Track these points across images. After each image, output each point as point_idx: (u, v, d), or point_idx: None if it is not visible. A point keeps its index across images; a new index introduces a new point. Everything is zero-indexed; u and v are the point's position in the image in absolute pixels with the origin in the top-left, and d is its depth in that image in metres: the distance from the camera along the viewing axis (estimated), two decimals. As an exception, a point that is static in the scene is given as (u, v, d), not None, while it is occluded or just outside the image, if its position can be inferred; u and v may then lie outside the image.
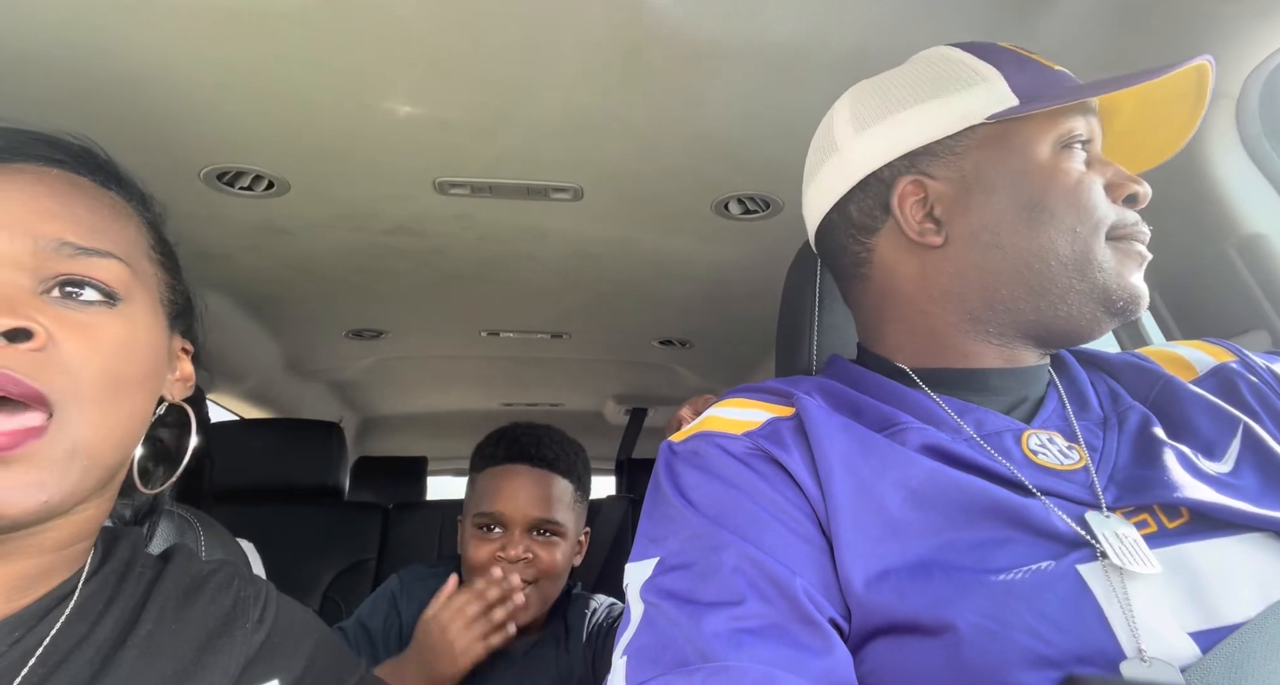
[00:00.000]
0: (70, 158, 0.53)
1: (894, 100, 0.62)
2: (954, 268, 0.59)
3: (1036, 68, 0.60)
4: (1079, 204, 0.56)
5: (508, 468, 1.11)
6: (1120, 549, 0.45)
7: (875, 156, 0.62)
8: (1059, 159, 0.57)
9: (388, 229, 1.39)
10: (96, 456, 0.47)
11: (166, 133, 1.05)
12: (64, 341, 0.45)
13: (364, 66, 0.93)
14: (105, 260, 0.49)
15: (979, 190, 0.58)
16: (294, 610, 0.62)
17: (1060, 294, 0.56)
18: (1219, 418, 0.55)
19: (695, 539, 0.50)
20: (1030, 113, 0.57)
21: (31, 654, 0.46)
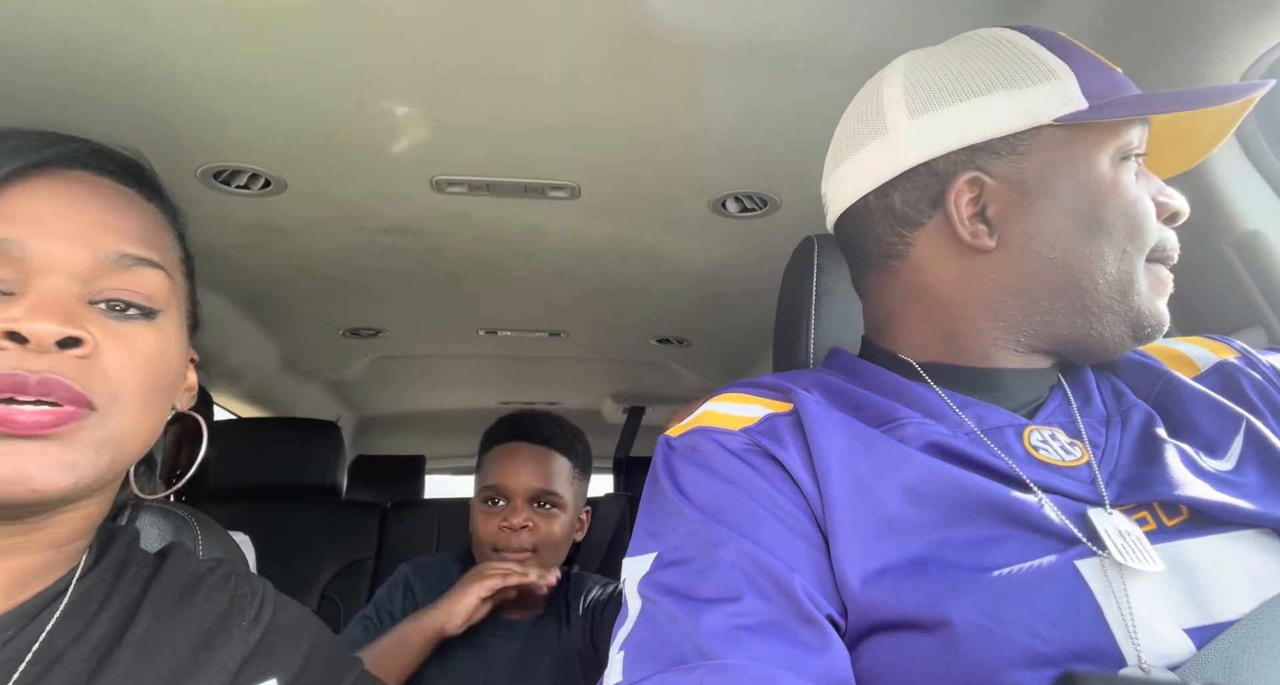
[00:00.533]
0: (120, 169, 0.55)
1: (957, 86, 0.57)
2: (999, 274, 0.56)
3: (1103, 68, 0.57)
4: (1134, 222, 0.54)
5: (510, 445, 1.20)
6: (1124, 546, 0.45)
7: (931, 146, 0.57)
8: (1119, 172, 0.55)
9: (385, 228, 1.39)
10: (124, 452, 0.50)
11: (162, 131, 1.05)
12: (107, 350, 0.48)
13: (361, 65, 0.93)
14: (153, 271, 0.52)
15: (1039, 195, 0.55)
16: (291, 609, 0.62)
17: (1099, 313, 0.55)
18: (1221, 415, 0.54)
19: (693, 535, 0.50)
20: (1099, 120, 0.54)
21: (26, 652, 0.47)
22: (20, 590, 0.49)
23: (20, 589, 0.49)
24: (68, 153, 0.52)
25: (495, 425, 1.27)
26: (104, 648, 0.49)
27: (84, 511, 0.51)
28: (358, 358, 2.25)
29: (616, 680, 0.45)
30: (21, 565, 0.49)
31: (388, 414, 2.95)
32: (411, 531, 1.89)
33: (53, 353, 0.45)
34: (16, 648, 0.47)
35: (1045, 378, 0.59)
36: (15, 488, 0.44)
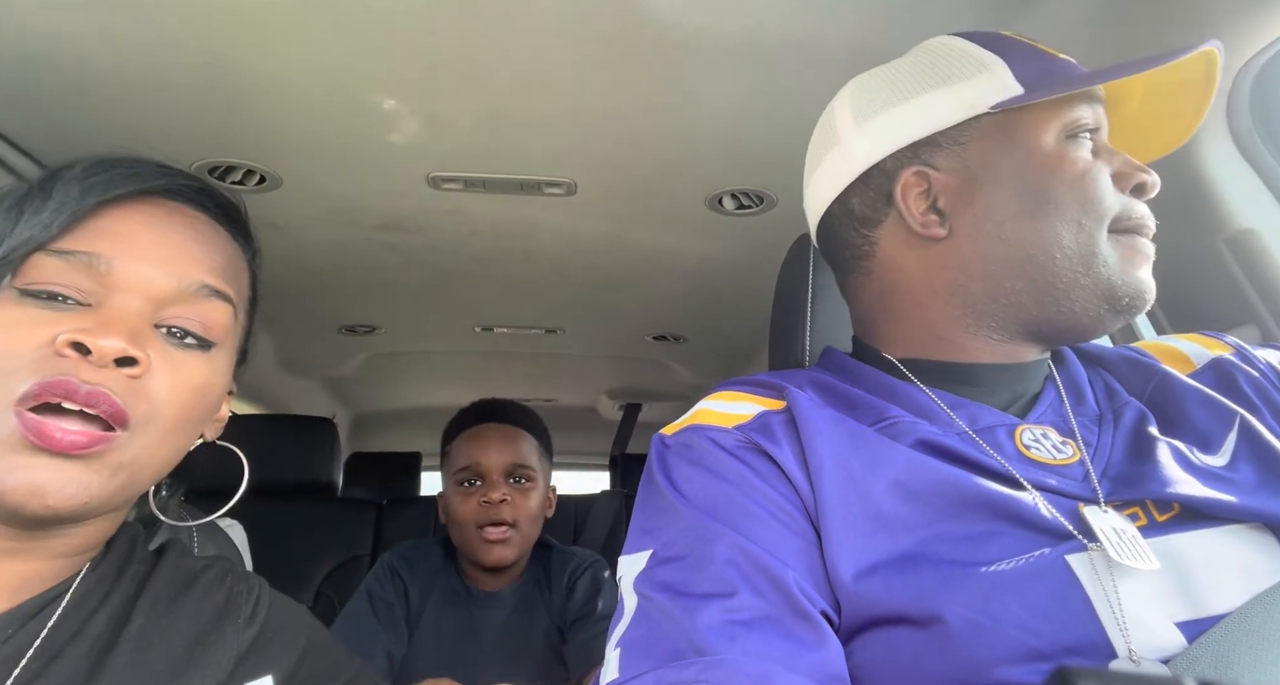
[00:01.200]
0: (217, 208, 0.58)
1: (896, 91, 0.61)
2: (957, 260, 0.58)
3: (1042, 56, 0.59)
4: (1084, 194, 0.55)
5: (479, 427, 1.27)
6: (1119, 544, 0.45)
7: (877, 148, 0.61)
8: (1065, 148, 0.56)
9: (380, 224, 1.39)
10: (139, 476, 0.50)
11: (156, 126, 1.04)
12: (158, 374, 0.50)
13: (357, 61, 0.92)
14: (225, 305, 0.55)
15: (984, 181, 0.57)
16: (287, 607, 0.62)
17: (1065, 289, 0.55)
18: (1216, 411, 0.54)
19: (688, 531, 0.50)
20: (1035, 101, 0.55)
21: (26, 650, 0.47)
22: (23, 591, 0.49)
23: (23, 590, 0.49)
24: (174, 186, 0.55)
25: (459, 415, 1.32)
26: (101, 644, 0.50)
27: (95, 526, 0.52)
28: (353, 354, 2.25)
29: (613, 677, 0.45)
30: (27, 569, 0.50)
31: (383, 411, 2.95)
32: (407, 528, 1.89)
33: (109, 368, 0.47)
34: (16, 646, 0.47)
35: (1031, 371, 0.60)
36: (31, 500, 0.45)
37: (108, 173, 0.52)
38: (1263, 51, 0.79)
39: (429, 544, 1.32)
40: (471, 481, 1.22)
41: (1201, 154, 0.85)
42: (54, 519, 0.47)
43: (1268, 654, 0.39)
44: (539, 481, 1.27)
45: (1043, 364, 0.61)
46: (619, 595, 0.51)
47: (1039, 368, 0.60)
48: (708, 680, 0.40)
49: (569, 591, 1.26)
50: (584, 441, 3.09)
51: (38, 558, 0.50)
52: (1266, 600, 0.43)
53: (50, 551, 0.50)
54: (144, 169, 0.54)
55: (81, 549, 0.52)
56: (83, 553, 0.53)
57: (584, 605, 1.24)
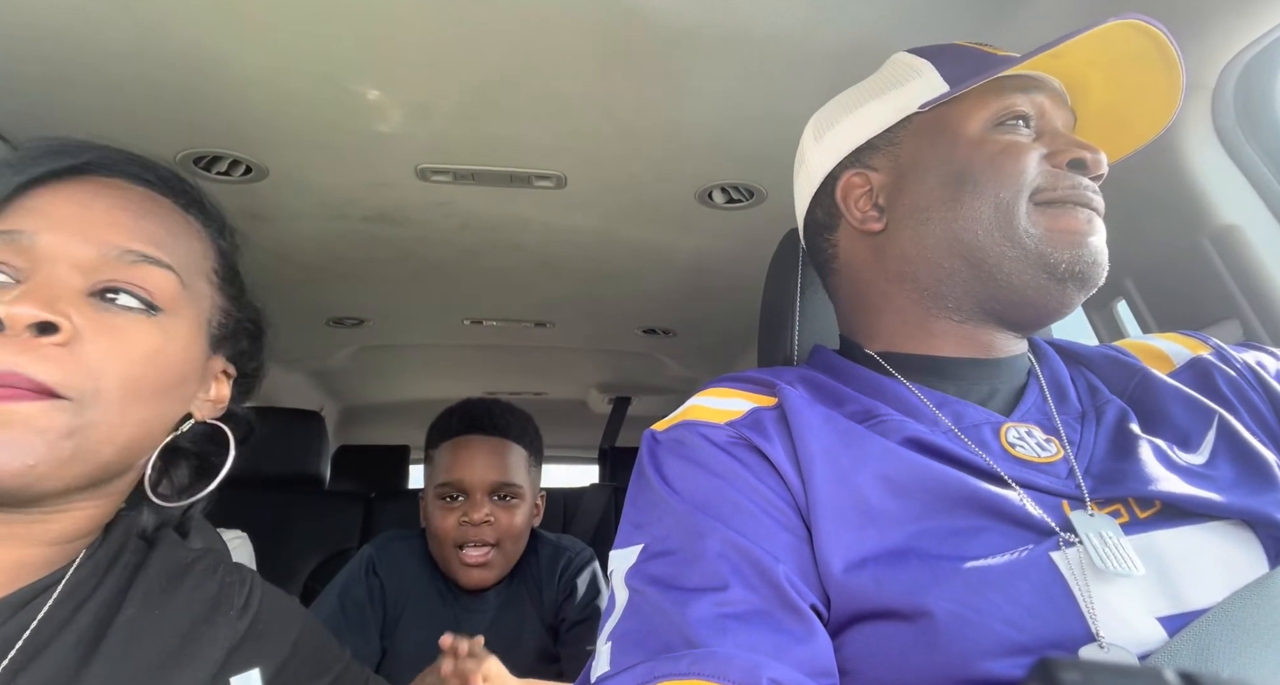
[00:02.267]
0: (158, 180, 0.57)
1: (844, 107, 0.67)
2: (899, 249, 0.62)
3: (976, 56, 0.61)
4: (1001, 170, 0.57)
5: (464, 438, 1.17)
6: (1104, 551, 0.46)
7: (829, 159, 0.67)
8: (991, 134, 0.59)
9: (368, 216, 1.38)
10: (93, 445, 0.48)
11: (142, 116, 1.03)
12: (91, 341, 0.48)
13: (345, 51, 0.92)
14: (159, 269, 0.52)
15: (912, 173, 0.61)
16: (279, 598, 0.62)
17: (996, 261, 0.56)
18: (1195, 410, 0.55)
19: (679, 526, 0.50)
20: (961, 94, 0.59)
21: (16, 639, 0.47)
22: (16, 580, 0.49)
23: (16, 579, 0.49)
24: (103, 160, 0.54)
25: (444, 417, 1.23)
26: (91, 635, 0.50)
27: (84, 511, 0.51)
28: (341, 347, 2.24)
29: (604, 670, 0.45)
30: (19, 556, 0.49)
31: (372, 404, 2.94)
32: (396, 521, 1.89)
33: (25, 338, 0.45)
34: (6, 635, 0.47)
35: (1006, 366, 0.61)
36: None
37: (34, 154, 0.52)
38: (1246, 49, 0.80)
39: (412, 538, 1.24)
40: (453, 496, 1.15)
41: (1186, 151, 0.86)
42: (5, 491, 0.46)
43: (1247, 647, 0.40)
44: (526, 496, 1.19)
45: (1020, 359, 0.62)
46: (610, 589, 0.52)
47: (1016, 362, 0.62)
48: (699, 672, 0.41)
49: (566, 590, 1.21)
50: (573, 435, 3.09)
51: (26, 544, 0.49)
52: (1247, 595, 0.43)
53: (38, 538, 0.49)
54: (71, 148, 0.53)
55: (71, 536, 0.51)
56: (74, 540, 0.52)
57: (584, 609, 1.19)
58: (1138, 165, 0.90)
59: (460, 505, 1.14)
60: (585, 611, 1.19)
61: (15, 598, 0.48)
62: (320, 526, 1.82)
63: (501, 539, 1.14)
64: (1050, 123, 0.60)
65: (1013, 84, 0.60)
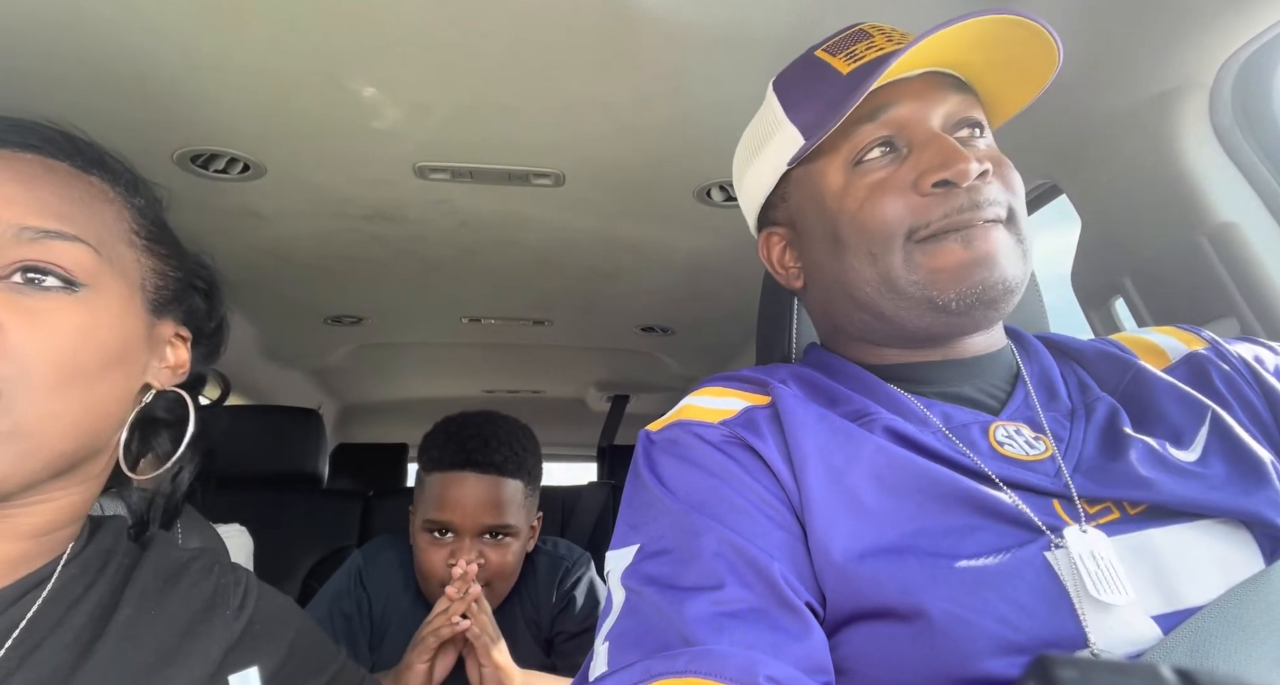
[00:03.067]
0: (46, 143, 0.52)
1: (742, 160, 0.68)
2: (818, 303, 0.65)
3: (825, 84, 0.58)
4: (865, 226, 0.56)
5: (456, 475, 1.09)
6: (1096, 574, 0.45)
7: (751, 218, 0.70)
8: (851, 180, 0.57)
9: (367, 214, 1.38)
10: (40, 441, 0.46)
11: (139, 113, 1.03)
12: (13, 328, 0.45)
13: (343, 48, 0.91)
14: (67, 243, 0.48)
15: (803, 234, 0.63)
16: (275, 598, 0.62)
17: (892, 311, 0.57)
18: (1188, 406, 0.55)
19: (675, 525, 0.50)
20: (816, 144, 0.57)
21: (6, 638, 0.46)
22: (3, 567, 0.48)
23: (3, 567, 0.48)
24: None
25: (438, 443, 1.13)
26: (86, 635, 0.49)
27: (59, 501, 0.50)
28: (339, 345, 2.24)
29: (602, 670, 0.45)
30: (2, 552, 0.48)
31: (370, 402, 2.94)
32: (394, 519, 1.89)
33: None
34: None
35: (983, 364, 0.60)
36: None
37: None
38: (1244, 47, 0.80)
39: (403, 548, 1.19)
40: (442, 532, 1.09)
41: (1184, 149, 0.86)
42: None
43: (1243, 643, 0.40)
44: (520, 533, 1.12)
45: (999, 354, 0.61)
46: (607, 590, 0.52)
47: (996, 358, 0.61)
48: (696, 670, 0.41)
49: (563, 602, 1.17)
50: (572, 433, 3.09)
51: (5, 540, 0.48)
52: (1242, 592, 0.43)
53: (16, 532, 0.48)
54: None
55: (52, 527, 0.50)
56: (55, 531, 0.50)
57: (583, 622, 1.16)
58: (1135, 163, 0.91)
59: (448, 544, 1.08)
60: (585, 623, 1.16)
61: (3, 594, 0.48)
62: (318, 525, 1.82)
63: (492, 579, 1.09)
64: (917, 132, 0.56)
65: (862, 111, 0.56)
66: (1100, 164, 0.94)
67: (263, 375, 2.29)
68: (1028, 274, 0.56)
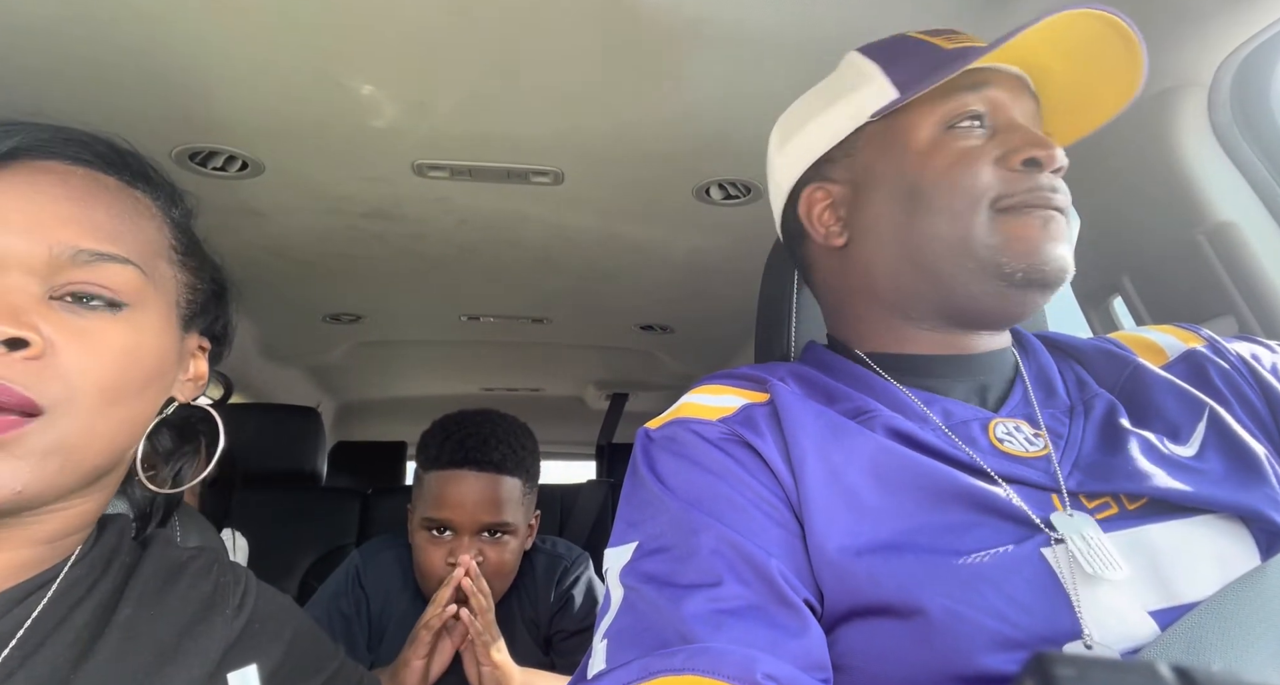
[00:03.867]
0: (96, 157, 0.53)
1: (802, 114, 0.66)
2: (860, 264, 0.62)
3: (926, 55, 0.60)
4: (954, 183, 0.56)
5: (454, 474, 1.09)
6: (1087, 552, 0.46)
7: (793, 170, 0.66)
8: (942, 141, 0.58)
9: (365, 212, 1.38)
10: (78, 456, 0.47)
11: (137, 110, 1.03)
12: (64, 349, 0.46)
13: (341, 45, 0.91)
14: (118, 266, 0.49)
15: (868, 187, 0.61)
16: (274, 597, 0.62)
17: (953, 274, 0.56)
18: (1186, 402, 0.55)
19: (673, 523, 0.50)
20: (911, 99, 0.57)
21: (10, 637, 0.46)
22: (9, 579, 0.49)
23: (10, 578, 0.49)
24: (35, 142, 0.50)
25: (436, 441, 1.13)
26: (88, 634, 0.49)
27: (74, 509, 0.50)
28: (338, 343, 2.23)
29: (600, 667, 0.45)
30: (12, 558, 0.48)
31: (369, 400, 2.93)
32: (392, 517, 1.89)
33: (3, 356, 0.43)
34: (1, 632, 0.46)
35: (987, 362, 0.61)
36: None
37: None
38: (1243, 46, 0.80)
39: (400, 547, 1.20)
40: (440, 530, 1.09)
41: (1182, 148, 0.86)
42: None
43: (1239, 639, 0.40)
44: (519, 530, 1.13)
45: (1003, 353, 0.62)
46: (605, 587, 0.52)
47: (1000, 357, 0.61)
48: (694, 667, 0.41)
49: (561, 601, 1.18)
50: (570, 431, 3.09)
51: (19, 546, 0.48)
52: (1238, 588, 0.44)
53: (26, 540, 0.49)
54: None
55: (61, 534, 0.51)
56: (64, 538, 0.51)
57: (582, 620, 1.17)
58: (1134, 162, 0.91)
59: (447, 542, 1.08)
60: (583, 622, 1.17)
61: (9, 595, 0.48)
62: (317, 523, 1.82)
63: (490, 577, 1.08)
64: (1005, 116, 0.58)
65: (963, 81, 0.58)
66: (1099, 163, 0.94)
67: (261, 373, 2.28)
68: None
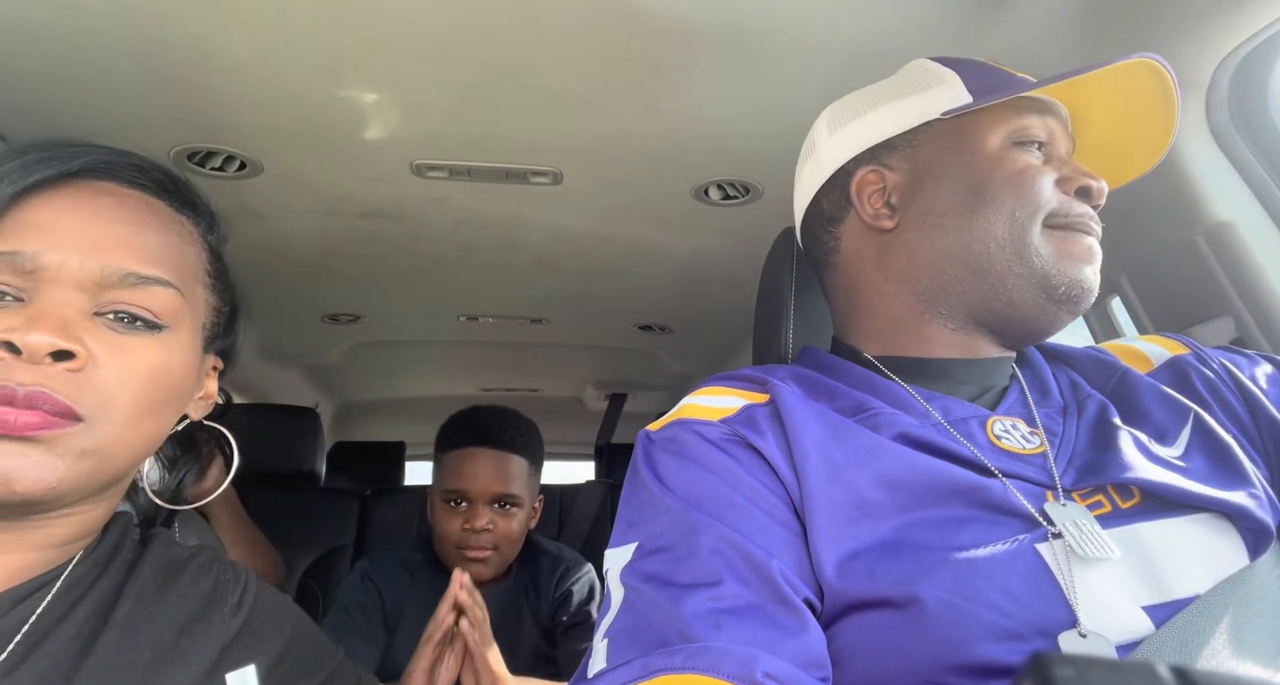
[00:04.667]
0: (152, 182, 0.56)
1: (864, 104, 0.68)
2: (905, 250, 0.63)
3: (999, 74, 0.63)
4: (1020, 189, 0.58)
5: (470, 450, 1.26)
6: (1080, 537, 0.47)
7: (843, 152, 0.68)
8: (1010, 152, 0.60)
9: (364, 212, 1.38)
10: (108, 462, 0.50)
11: (135, 110, 1.02)
12: (104, 363, 0.49)
13: (339, 45, 0.91)
14: (161, 288, 0.52)
15: (929, 177, 0.63)
16: (272, 596, 0.62)
17: (1000, 276, 0.58)
18: (1172, 406, 0.57)
19: (673, 523, 0.51)
20: (982, 107, 0.60)
21: (14, 634, 0.47)
22: (13, 580, 0.50)
23: (13, 579, 0.50)
24: (97, 163, 0.53)
25: (453, 426, 1.32)
26: (88, 630, 0.50)
27: (86, 514, 0.52)
28: (337, 343, 2.23)
29: (601, 667, 0.46)
30: (20, 561, 0.50)
31: (367, 400, 2.93)
32: (391, 518, 1.89)
33: (44, 364, 0.46)
34: (5, 628, 0.47)
35: (994, 367, 0.62)
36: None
37: (21, 159, 0.50)
38: (1240, 46, 0.80)
39: (402, 551, 1.33)
40: (457, 502, 1.25)
41: (1180, 148, 0.87)
42: (22, 505, 0.47)
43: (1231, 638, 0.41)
44: (525, 504, 1.28)
45: (1006, 362, 0.64)
46: (606, 588, 0.52)
47: (1003, 365, 0.63)
48: (694, 666, 0.41)
49: (561, 597, 1.29)
50: (569, 432, 3.09)
51: (26, 549, 0.50)
52: (1229, 586, 0.45)
53: (38, 543, 0.50)
54: (60, 151, 0.52)
55: (70, 539, 0.52)
56: (73, 542, 0.52)
57: (578, 612, 1.28)
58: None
59: (463, 512, 1.24)
60: (579, 615, 1.28)
61: (13, 593, 0.49)
62: (316, 523, 1.82)
63: (499, 543, 1.24)
64: (1058, 148, 0.62)
65: (1031, 105, 0.61)
66: (1097, 163, 0.95)
67: (260, 374, 2.28)
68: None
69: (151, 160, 0.58)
